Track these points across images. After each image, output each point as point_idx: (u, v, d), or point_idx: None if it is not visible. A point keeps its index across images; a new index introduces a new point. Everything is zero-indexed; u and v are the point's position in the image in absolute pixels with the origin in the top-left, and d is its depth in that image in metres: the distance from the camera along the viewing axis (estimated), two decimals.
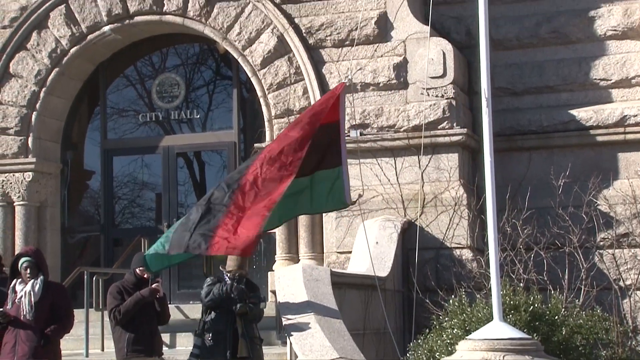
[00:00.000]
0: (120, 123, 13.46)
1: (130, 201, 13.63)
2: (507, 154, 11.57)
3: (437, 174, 11.16)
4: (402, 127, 11.25)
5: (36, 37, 12.63)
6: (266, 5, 11.82)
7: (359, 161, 11.22)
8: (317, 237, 11.55)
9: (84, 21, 12.51)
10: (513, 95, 11.93)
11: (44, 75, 12.63)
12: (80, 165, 13.65)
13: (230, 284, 8.24)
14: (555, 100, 11.83)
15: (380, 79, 11.34)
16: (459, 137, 11.13)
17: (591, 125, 11.52)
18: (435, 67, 11.15)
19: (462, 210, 10.96)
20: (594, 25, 11.77)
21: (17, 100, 12.65)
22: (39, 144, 12.76)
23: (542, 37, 11.88)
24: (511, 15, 11.98)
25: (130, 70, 13.50)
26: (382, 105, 11.36)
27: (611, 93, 11.72)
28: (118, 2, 12.36)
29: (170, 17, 12.24)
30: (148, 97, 13.34)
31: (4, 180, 12.63)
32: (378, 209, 11.11)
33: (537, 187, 11.26)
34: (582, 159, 11.55)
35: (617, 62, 11.67)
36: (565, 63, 11.82)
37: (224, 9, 12.02)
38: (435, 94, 11.15)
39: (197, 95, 13.27)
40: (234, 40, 11.98)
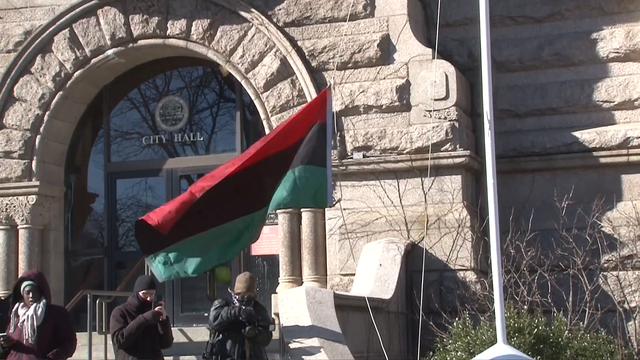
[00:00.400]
0: (124, 146, 13.48)
1: (134, 224, 13.57)
2: (510, 176, 11.60)
3: (440, 196, 11.15)
4: (405, 149, 11.26)
5: (40, 61, 12.68)
6: (269, 28, 11.87)
7: (362, 183, 11.25)
8: (320, 259, 11.54)
9: (87, 45, 12.56)
10: (516, 117, 11.95)
11: (47, 98, 12.67)
12: (83, 188, 13.66)
13: (239, 307, 8.23)
14: (558, 122, 11.84)
15: (383, 101, 11.37)
16: (462, 159, 11.13)
17: (594, 147, 11.53)
18: (438, 89, 11.17)
19: (465, 232, 10.94)
20: (596, 48, 11.80)
21: (21, 123, 12.69)
22: (42, 167, 12.78)
23: (544, 60, 11.91)
24: (513, 38, 12.02)
25: (134, 93, 13.54)
26: (385, 127, 11.37)
27: (614, 115, 11.73)
28: (122, 26, 12.42)
29: (174, 41, 12.30)
30: (152, 120, 13.37)
31: (8, 204, 12.64)
32: (381, 230, 11.10)
33: (540, 208, 11.26)
34: (586, 181, 11.55)
35: (620, 84, 11.69)
36: (568, 85, 11.84)
37: (227, 32, 12.07)
38: (438, 116, 11.17)
39: (201, 117, 13.30)
40: (237, 63, 12.02)
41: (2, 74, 12.73)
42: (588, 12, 11.90)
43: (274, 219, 12.28)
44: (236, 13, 12.02)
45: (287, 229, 11.72)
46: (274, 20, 11.91)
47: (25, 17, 12.83)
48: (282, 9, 11.92)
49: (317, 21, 11.79)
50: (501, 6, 12.05)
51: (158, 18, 12.28)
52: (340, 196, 11.00)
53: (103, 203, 13.38)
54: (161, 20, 12.28)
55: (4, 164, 12.70)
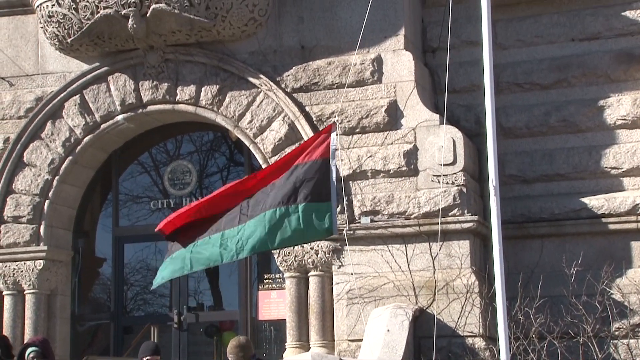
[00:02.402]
0: (133, 210, 13.52)
1: (142, 287, 13.59)
2: (519, 242, 11.55)
3: (448, 261, 11.10)
4: (413, 214, 11.25)
5: (50, 126, 12.79)
6: (277, 93, 11.98)
7: (370, 247, 11.22)
8: (327, 324, 11.45)
9: (97, 111, 12.68)
10: (524, 183, 11.94)
11: (57, 163, 12.74)
12: (91, 252, 13.66)
13: None
14: (566, 188, 11.83)
15: (391, 166, 11.39)
16: (470, 224, 11.11)
17: (603, 214, 11.48)
18: (446, 154, 11.20)
19: (474, 298, 10.86)
20: (604, 115, 11.84)
21: (30, 188, 12.74)
22: (50, 232, 12.79)
23: (551, 126, 11.95)
24: (520, 104, 12.08)
25: (145, 157, 13.63)
26: (392, 192, 11.38)
27: (622, 181, 11.72)
28: (131, 92, 12.54)
29: (183, 106, 12.40)
30: (162, 184, 13.43)
31: (15, 269, 12.63)
32: (389, 296, 11.03)
33: (549, 275, 11.18)
34: (595, 247, 11.49)
35: (628, 151, 11.70)
36: (576, 151, 11.86)
37: (235, 97, 12.18)
38: (445, 181, 11.18)
39: (211, 181, 13.35)
40: (246, 128, 12.10)
41: (12, 140, 12.83)
42: (595, 79, 11.97)
43: (281, 284, 12.26)
44: (245, 79, 12.15)
45: (295, 293, 11.67)
46: (282, 86, 12.02)
47: (36, 84, 12.99)
48: (291, 75, 12.04)
49: (325, 87, 11.90)
50: (508, 73, 12.14)
51: (168, 84, 12.42)
52: (350, 261, 10.94)
53: (111, 267, 13.37)
54: (171, 86, 12.41)
55: (12, 229, 12.71)
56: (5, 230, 12.73)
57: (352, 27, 11.89)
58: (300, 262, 11.64)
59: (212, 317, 13.21)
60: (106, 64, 12.64)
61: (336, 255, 11.49)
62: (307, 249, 11.59)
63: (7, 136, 12.90)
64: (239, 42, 12.26)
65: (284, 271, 11.77)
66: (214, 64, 12.26)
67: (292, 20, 12.16)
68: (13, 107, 12.96)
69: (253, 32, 12.20)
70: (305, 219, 8.49)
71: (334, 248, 11.48)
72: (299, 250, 11.61)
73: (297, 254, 11.63)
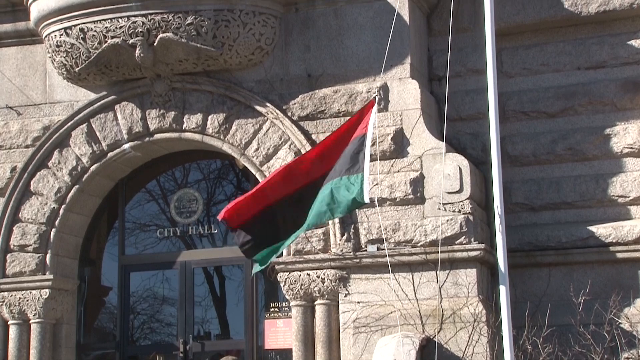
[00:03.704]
0: (141, 238, 13.52)
1: (149, 316, 13.56)
2: (526, 270, 11.52)
3: (455, 290, 11.05)
4: (420, 242, 11.22)
5: (57, 155, 12.82)
6: (284, 122, 12.00)
7: (376, 276, 11.17)
8: (334, 353, 11.38)
9: (104, 139, 12.71)
10: (531, 211, 11.92)
11: (64, 192, 12.75)
12: (97, 281, 13.64)
13: None
14: (573, 216, 11.79)
15: (397, 194, 11.38)
16: (477, 253, 11.07)
17: (610, 242, 11.44)
18: (452, 182, 11.18)
19: (481, 327, 10.79)
20: (610, 143, 11.83)
21: (37, 217, 12.75)
22: (56, 261, 12.78)
23: (558, 154, 11.94)
24: (527, 133, 12.08)
25: (153, 185, 13.65)
26: (399, 220, 11.36)
27: (630, 210, 11.68)
28: (139, 121, 12.58)
29: (190, 135, 12.43)
30: (169, 212, 13.44)
31: (21, 298, 12.61)
32: (396, 324, 10.96)
33: (557, 304, 11.13)
34: (603, 276, 11.44)
35: (635, 180, 11.67)
36: (583, 179, 11.83)
37: (242, 125, 12.20)
38: (452, 209, 11.15)
39: (219, 209, 13.30)
40: (252, 156, 12.11)
41: (20, 169, 12.85)
42: (601, 107, 11.98)
43: (287, 312, 12.21)
44: (251, 107, 12.18)
45: (301, 322, 11.61)
46: (288, 114, 12.05)
47: (44, 113, 13.04)
48: (297, 103, 12.07)
49: (332, 115, 11.92)
50: (514, 101, 12.16)
51: (175, 112, 12.45)
52: (354, 291, 10.93)
53: (117, 296, 13.34)
54: (177, 115, 12.45)
55: (18, 258, 12.71)
56: (11, 259, 12.72)
57: (359, 56, 11.95)
58: (306, 291, 11.60)
59: (218, 346, 13.17)
60: (113, 92, 12.70)
61: (342, 283, 11.45)
62: (314, 277, 11.56)
63: (14, 165, 12.93)
64: (246, 71, 12.31)
65: (290, 300, 11.73)
66: (221, 92, 12.31)
67: (298, 49, 12.22)
68: (20, 136, 12.99)
69: (260, 60, 12.25)
70: (337, 194, 8.96)
71: (340, 276, 11.45)
72: (305, 278, 11.58)
73: (303, 282, 11.60)
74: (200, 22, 11.93)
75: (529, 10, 12.15)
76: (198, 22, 11.94)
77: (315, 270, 11.53)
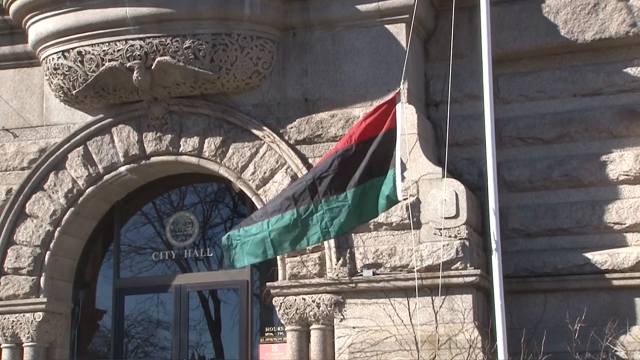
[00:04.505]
0: (136, 261, 13.49)
1: (144, 340, 13.49)
2: (522, 296, 11.49)
3: (451, 316, 11.01)
4: (416, 267, 11.20)
5: (53, 177, 12.80)
6: (280, 145, 12.01)
7: (372, 301, 11.14)
8: None
9: (101, 162, 12.70)
10: (527, 237, 11.91)
11: (59, 215, 12.73)
12: (92, 304, 13.59)
13: None
14: (569, 243, 11.79)
15: (393, 218, 11.37)
16: (473, 278, 11.04)
17: (606, 269, 11.43)
18: (448, 207, 11.18)
19: (476, 353, 10.75)
20: (606, 170, 11.85)
21: (32, 240, 12.71)
22: (51, 284, 12.73)
23: (554, 180, 11.95)
24: (523, 158, 12.10)
25: (149, 208, 13.63)
26: (395, 245, 11.34)
27: (625, 237, 11.68)
28: (135, 144, 12.58)
29: (186, 158, 12.42)
30: (165, 235, 13.41)
31: (14, 321, 12.55)
32: (391, 350, 10.92)
33: (553, 330, 11.09)
34: (599, 303, 11.42)
35: (631, 207, 11.68)
36: (579, 206, 11.84)
37: (239, 149, 12.20)
38: (448, 235, 11.14)
39: (214, 232, 13.34)
40: (248, 180, 12.11)
41: (15, 191, 12.83)
42: (597, 134, 12.01)
43: (282, 337, 12.16)
44: (248, 131, 12.19)
45: (296, 347, 11.56)
46: (285, 138, 12.06)
47: (40, 135, 13.04)
48: (294, 127, 12.09)
49: (329, 139, 11.93)
50: (510, 127, 12.19)
51: (171, 135, 12.46)
52: (350, 316, 10.93)
53: (111, 319, 13.29)
54: (174, 138, 12.45)
55: (12, 281, 12.66)
56: (5, 281, 12.67)
57: (356, 80, 11.99)
58: (301, 315, 11.56)
59: None
60: (110, 115, 12.71)
61: (338, 308, 11.41)
62: (309, 302, 11.52)
63: (10, 187, 12.91)
64: (243, 95, 12.34)
65: (285, 324, 11.68)
66: (218, 115, 12.32)
67: (295, 73, 12.26)
68: (16, 158, 12.99)
69: (257, 84, 12.28)
70: (371, 195, 8.97)
71: (336, 301, 11.42)
72: (301, 303, 11.55)
73: (298, 307, 11.56)
74: (198, 46, 11.97)
75: (526, 37, 12.21)
76: (196, 45, 11.97)
77: (311, 294, 11.50)
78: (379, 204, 9.08)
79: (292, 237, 9.06)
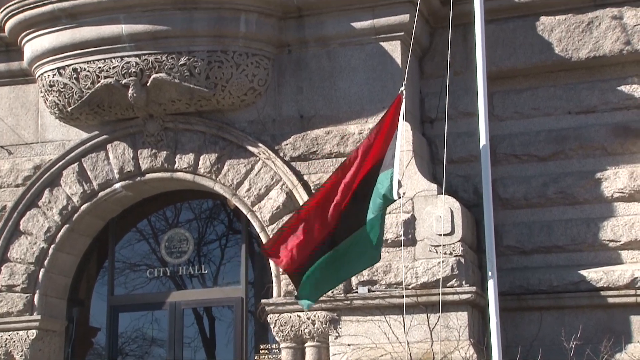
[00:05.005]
0: (130, 278, 13.44)
1: (138, 357, 13.43)
2: (518, 314, 11.47)
3: (446, 333, 10.98)
4: (411, 284, 11.18)
5: (48, 194, 12.78)
6: (276, 162, 12.01)
7: (367, 318, 11.11)
8: None
9: (96, 178, 12.68)
10: (522, 254, 11.90)
11: (53, 232, 12.69)
12: (86, 321, 13.52)
13: None
14: (565, 260, 11.78)
15: (389, 235, 11.35)
16: (468, 296, 11.02)
17: (602, 287, 11.41)
18: (444, 224, 11.17)
19: None
20: (601, 187, 11.86)
21: (26, 257, 12.68)
22: (44, 301, 12.68)
23: (549, 197, 11.96)
24: (518, 176, 12.11)
25: (144, 225, 13.60)
26: (390, 262, 11.32)
27: (621, 254, 11.68)
28: (130, 160, 12.57)
29: (181, 174, 12.41)
30: (159, 252, 13.38)
31: (8, 339, 12.50)
32: None
33: (548, 348, 11.07)
34: (594, 321, 11.40)
35: (626, 224, 11.68)
36: (574, 223, 11.84)
37: (234, 166, 12.20)
38: (443, 252, 11.13)
39: (209, 249, 13.31)
40: (243, 197, 12.09)
41: (9, 208, 12.80)
42: (592, 152, 12.02)
43: (277, 354, 12.12)
44: (243, 147, 12.19)
45: None
46: (280, 154, 12.06)
47: (35, 152, 13.03)
48: (289, 144, 12.09)
49: (324, 156, 11.94)
50: (505, 144, 12.20)
51: (166, 152, 12.45)
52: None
53: (105, 337, 13.23)
54: (169, 155, 12.44)
55: (6, 298, 12.61)
56: None
57: (351, 97, 12.01)
58: (296, 333, 11.53)
59: None
60: (105, 132, 12.70)
61: (333, 325, 11.38)
62: (304, 319, 11.49)
63: (4, 204, 12.88)
64: (239, 111, 12.35)
65: (280, 341, 11.65)
66: (213, 132, 12.32)
67: (291, 90, 12.27)
68: (11, 175, 12.97)
69: (252, 101, 12.29)
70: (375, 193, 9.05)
71: (331, 318, 11.38)
72: (296, 320, 11.51)
73: (293, 324, 11.53)
74: (194, 63, 11.98)
75: (520, 55, 12.25)
76: (191, 62, 11.99)
77: (306, 311, 11.46)
78: (374, 202, 9.13)
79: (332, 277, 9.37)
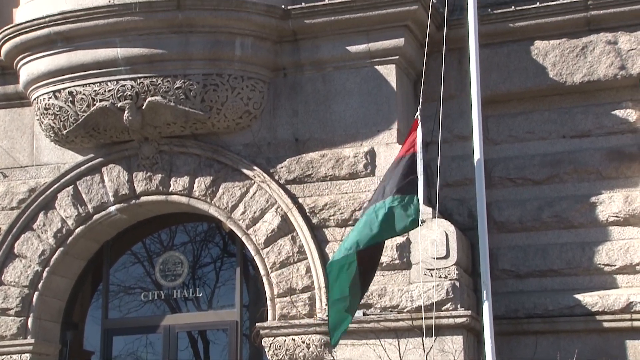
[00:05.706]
0: (125, 301, 13.39)
1: None
2: (513, 338, 11.43)
3: (441, 357, 10.94)
4: (406, 308, 11.15)
5: (43, 217, 12.75)
6: (271, 185, 12.00)
7: (362, 342, 11.07)
8: None
9: (90, 201, 12.67)
10: (517, 278, 11.88)
11: (47, 255, 12.66)
12: (79, 345, 13.45)
13: None
14: (560, 284, 11.77)
15: (384, 259, 11.30)
16: (464, 319, 10.99)
17: (597, 311, 11.39)
18: (439, 248, 11.16)
19: None
20: (596, 211, 11.86)
21: (20, 280, 12.63)
22: (38, 325, 12.63)
23: (544, 221, 11.96)
24: (513, 199, 12.11)
25: (138, 248, 13.57)
26: (385, 285, 11.30)
27: (616, 279, 11.67)
28: (125, 183, 12.56)
29: (176, 197, 12.40)
30: (154, 275, 13.34)
31: None
32: None
33: None
34: (590, 345, 11.36)
35: (621, 248, 11.68)
36: (569, 247, 11.83)
37: (229, 189, 12.20)
38: (438, 275, 11.11)
39: (204, 272, 13.27)
40: (238, 220, 12.08)
41: (4, 231, 12.77)
42: (586, 176, 12.04)
43: None
44: (238, 170, 12.19)
45: None
46: (275, 177, 12.06)
47: (30, 175, 13.02)
48: (284, 167, 12.10)
49: (319, 179, 11.94)
50: (500, 168, 12.22)
51: (161, 175, 12.44)
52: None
53: None
54: (164, 177, 12.44)
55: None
56: None
57: (346, 121, 12.03)
58: (291, 356, 11.48)
59: None
60: (100, 155, 12.70)
61: (328, 349, 11.33)
62: (299, 343, 11.45)
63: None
64: (234, 134, 12.35)
65: None
66: (208, 155, 12.32)
67: (286, 114, 12.29)
68: (6, 198, 12.95)
69: (247, 124, 12.31)
70: (391, 213, 9.33)
71: (326, 342, 11.34)
72: (290, 344, 11.47)
73: (288, 347, 11.48)
74: (189, 86, 12.01)
75: (515, 79, 12.29)
76: (187, 86, 12.01)
77: (301, 335, 11.42)
78: (399, 225, 9.46)
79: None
